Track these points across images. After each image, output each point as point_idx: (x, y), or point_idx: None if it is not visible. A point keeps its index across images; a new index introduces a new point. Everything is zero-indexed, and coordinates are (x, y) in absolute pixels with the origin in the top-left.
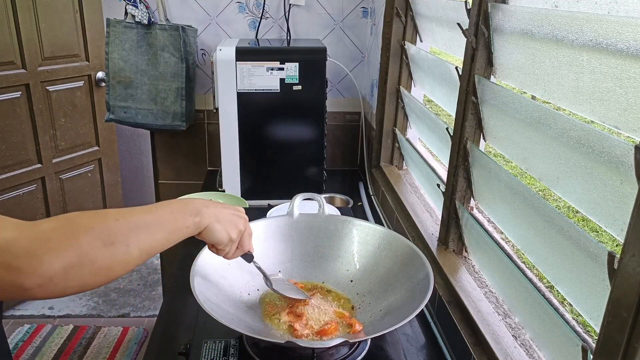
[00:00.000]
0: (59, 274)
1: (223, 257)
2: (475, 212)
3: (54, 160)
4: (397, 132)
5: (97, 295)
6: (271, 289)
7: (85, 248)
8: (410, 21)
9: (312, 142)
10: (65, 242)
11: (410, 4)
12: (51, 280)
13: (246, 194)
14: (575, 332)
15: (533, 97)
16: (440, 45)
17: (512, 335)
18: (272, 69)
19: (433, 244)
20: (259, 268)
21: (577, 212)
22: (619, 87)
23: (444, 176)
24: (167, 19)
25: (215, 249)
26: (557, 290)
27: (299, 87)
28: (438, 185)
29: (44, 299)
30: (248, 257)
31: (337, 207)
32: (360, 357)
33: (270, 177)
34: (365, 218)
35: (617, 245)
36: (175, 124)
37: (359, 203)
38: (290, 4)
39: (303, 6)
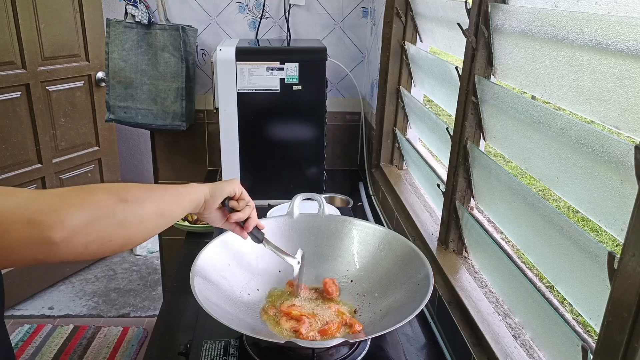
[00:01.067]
0: (82, 226)
1: (248, 217)
2: (475, 212)
3: (54, 160)
4: (397, 132)
5: (97, 295)
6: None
7: (103, 202)
8: (410, 21)
9: (312, 142)
10: (83, 198)
11: (410, 4)
12: (75, 234)
13: None
14: (575, 332)
15: (533, 97)
16: (440, 45)
17: (512, 335)
18: (272, 69)
19: (433, 244)
20: (273, 248)
21: (577, 212)
22: (619, 87)
23: (444, 176)
24: (167, 19)
25: (234, 211)
26: (557, 290)
27: (299, 87)
28: (438, 185)
29: (66, 259)
30: (259, 234)
31: (337, 207)
32: (360, 357)
33: (270, 177)
34: (365, 218)
35: (617, 245)
36: (175, 124)
37: (359, 203)
38: (290, 4)
39: (303, 6)
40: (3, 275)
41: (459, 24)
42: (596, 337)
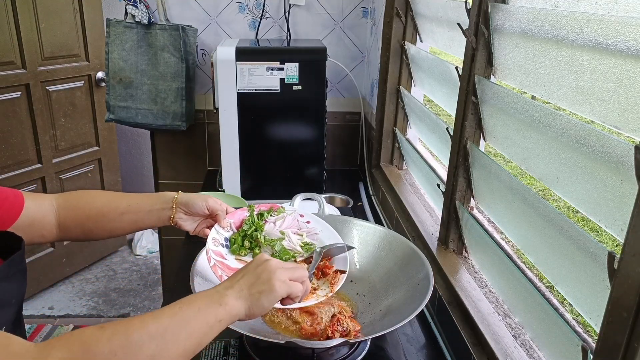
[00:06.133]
0: None
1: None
2: (475, 212)
3: (54, 160)
4: (397, 132)
5: (97, 295)
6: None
7: None
8: (410, 21)
9: (312, 142)
10: None
11: (410, 4)
12: None
13: (246, 194)
14: (575, 332)
15: (533, 97)
16: (440, 45)
17: (512, 335)
18: (272, 69)
19: (433, 244)
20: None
21: (577, 212)
22: (619, 87)
23: (444, 176)
24: (167, 19)
25: (289, 300)
26: (557, 290)
27: (299, 87)
28: (438, 185)
29: None
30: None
31: (337, 207)
32: (360, 357)
33: (270, 177)
34: (365, 218)
35: (617, 245)
36: (175, 124)
37: (359, 203)
38: (290, 4)
39: (303, 6)
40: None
41: (459, 24)
42: (596, 337)
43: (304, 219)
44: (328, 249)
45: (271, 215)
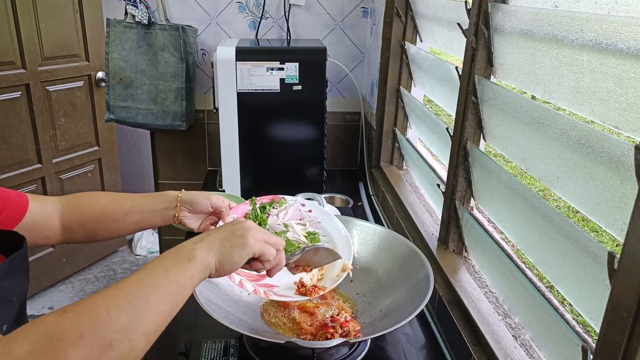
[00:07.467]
0: None
1: (278, 265)
2: (475, 212)
3: (54, 160)
4: (397, 132)
5: None
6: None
7: None
8: (410, 21)
9: (312, 142)
10: None
11: (410, 4)
12: None
13: (246, 194)
14: (575, 332)
15: (533, 97)
16: (440, 45)
17: (512, 335)
18: (272, 69)
19: (433, 244)
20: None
21: (577, 212)
22: (619, 87)
23: (444, 176)
24: (167, 19)
25: (260, 263)
26: (557, 290)
27: (299, 87)
28: (438, 185)
29: None
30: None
31: (337, 207)
32: (360, 357)
33: (270, 177)
34: (365, 218)
35: (617, 245)
36: (175, 124)
37: (359, 203)
38: (290, 4)
39: (303, 6)
40: None
41: (459, 24)
42: (596, 337)
43: (305, 208)
44: (316, 250)
45: (274, 208)
